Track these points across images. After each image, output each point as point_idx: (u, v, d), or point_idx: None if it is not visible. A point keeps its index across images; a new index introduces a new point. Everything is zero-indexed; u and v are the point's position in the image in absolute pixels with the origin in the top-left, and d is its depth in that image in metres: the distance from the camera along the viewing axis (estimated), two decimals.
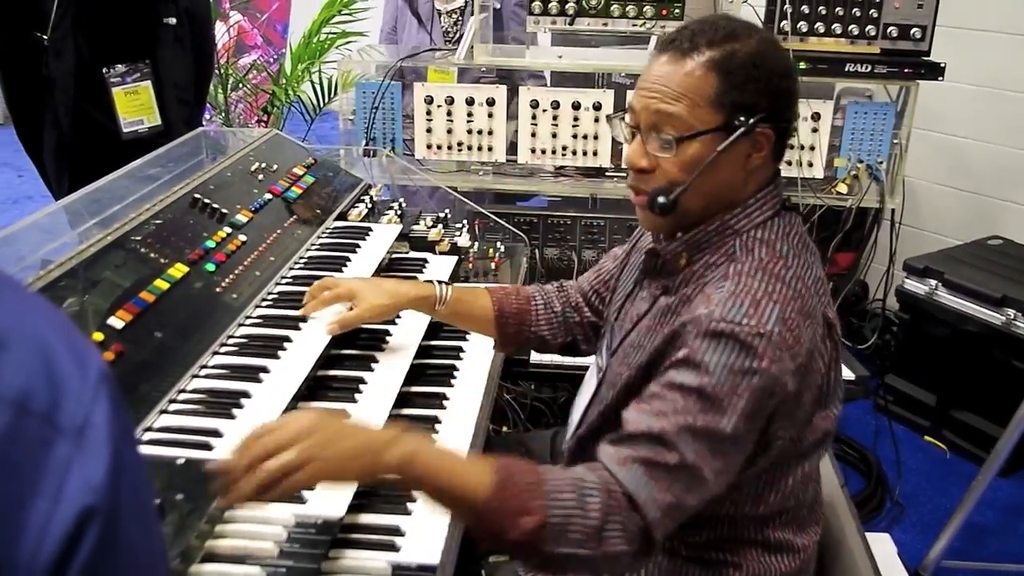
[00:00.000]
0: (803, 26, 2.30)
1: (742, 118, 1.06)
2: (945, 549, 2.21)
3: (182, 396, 1.25)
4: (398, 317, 1.56)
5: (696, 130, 1.06)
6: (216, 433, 1.16)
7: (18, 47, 2.12)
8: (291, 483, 0.93)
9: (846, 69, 2.30)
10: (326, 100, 4.04)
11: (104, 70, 2.18)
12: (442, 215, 2.07)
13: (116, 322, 1.25)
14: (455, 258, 1.90)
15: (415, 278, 1.79)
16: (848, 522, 1.35)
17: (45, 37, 2.09)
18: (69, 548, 0.48)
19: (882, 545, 2.24)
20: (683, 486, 1.00)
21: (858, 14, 2.28)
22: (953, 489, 2.56)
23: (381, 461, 0.97)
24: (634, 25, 2.30)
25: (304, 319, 1.47)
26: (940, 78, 2.30)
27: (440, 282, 1.47)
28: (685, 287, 1.13)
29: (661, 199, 1.09)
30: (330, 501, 1.11)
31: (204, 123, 2.83)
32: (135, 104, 2.20)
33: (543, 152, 2.41)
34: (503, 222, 2.11)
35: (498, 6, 2.94)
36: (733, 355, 1.00)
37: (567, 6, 2.27)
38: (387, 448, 0.97)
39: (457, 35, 3.08)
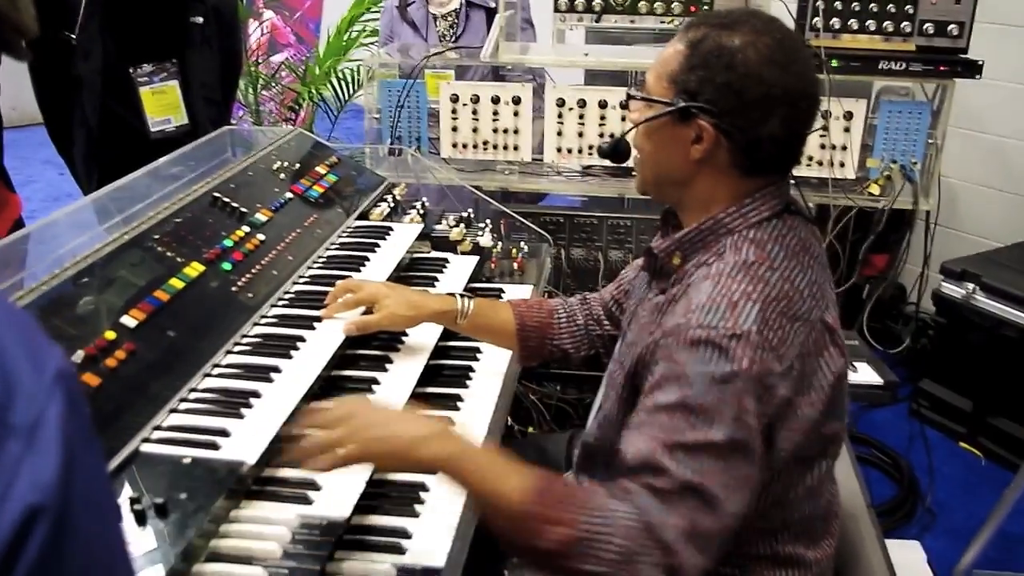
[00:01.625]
0: (836, 23, 2.24)
1: (677, 99, 1.07)
2: (977, 558, 2.14)
3: (193, 395, 1.25)
4: None
5: (647, 96, 1.11)
6: (224, 433, 1.16)
7: (47, 47, 2.14)
8: (327, 459, 1.03)
9: (880, 67, 2.23)
10: (347, 97, 4.07)
11: (131, 70, 2.20)
12: (464, 214, 2.06)
13: (129, 321, 1.26)
14: (476, 258, 1.88)
15: (435, 278, 1.78)
16: (868, 533, 1.31)
17: (73, 37, 2.12)
18: (16, 545, 0.48)
19: (912, 552, 2.18)
20: (692, 508, 0.96)
21: (893, 10, 2.22)
22: (988, 497, 2.47)
23: (411, 457, 1.04)
24: (662, 22, 2.26)
25: (319, 319, 1.47)
26: (978, 76, 2.23)
27: (462, 295, 1.47)
28: (676, 287, 1.12)
29: (602, 143, 1.19)
30: (335, 502, 1.11)
31: (234, 122, 2.85)
32: (162, 103, 2.22)
33: (569, 151, 2.38)
34: (527, 222, 2.09)
35: (492, 4, 2.96)
36: (711, 362, 0.98)
37: (593, 3, 2.24)
38: (419, 447, 1.03)
39: (454, 37, 3.14)
